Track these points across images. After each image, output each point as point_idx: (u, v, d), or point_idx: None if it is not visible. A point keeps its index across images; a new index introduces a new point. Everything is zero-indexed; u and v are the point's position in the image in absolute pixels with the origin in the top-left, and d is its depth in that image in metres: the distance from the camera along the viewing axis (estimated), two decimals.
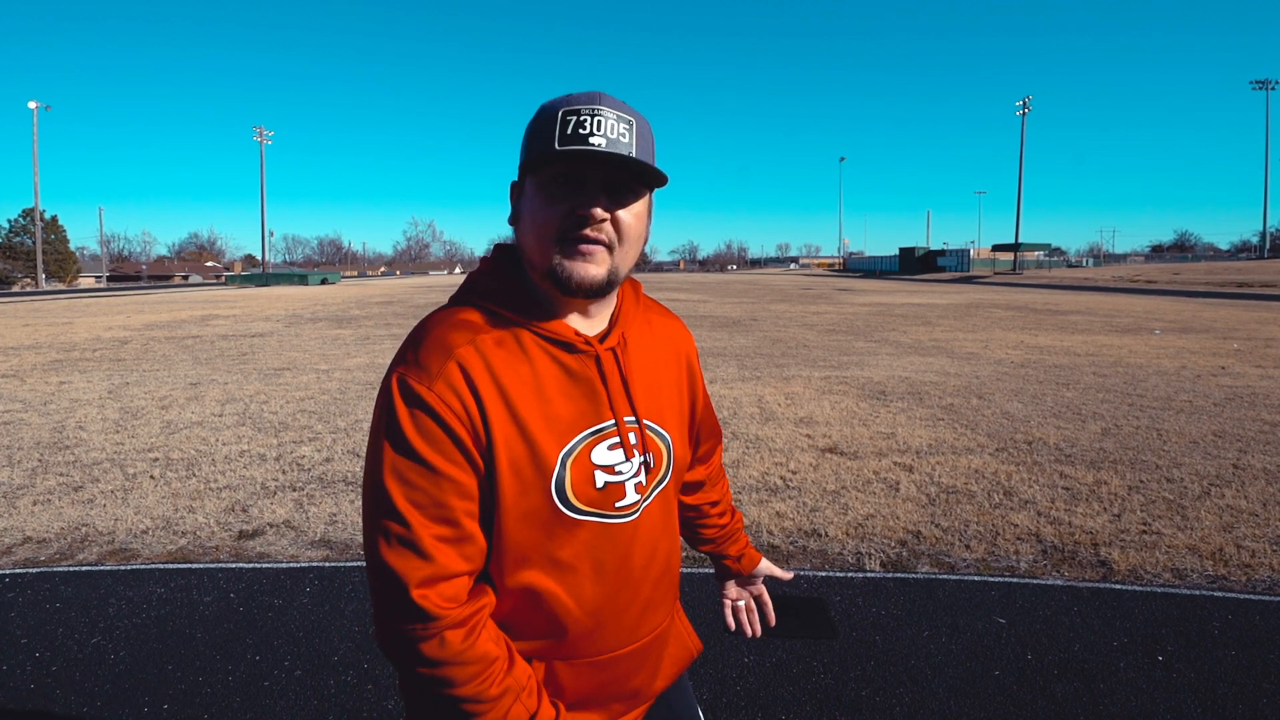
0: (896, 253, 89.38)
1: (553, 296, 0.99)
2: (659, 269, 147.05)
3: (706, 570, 3.55)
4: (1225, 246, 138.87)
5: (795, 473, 5.22)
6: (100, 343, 14.72)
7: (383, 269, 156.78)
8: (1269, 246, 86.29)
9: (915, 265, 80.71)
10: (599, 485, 0.99)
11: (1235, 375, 9.25)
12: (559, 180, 0.94)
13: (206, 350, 13.26)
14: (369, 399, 8.18)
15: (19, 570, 3.76)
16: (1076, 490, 4.77)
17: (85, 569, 3.77)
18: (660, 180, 0.98)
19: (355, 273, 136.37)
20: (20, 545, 4.08)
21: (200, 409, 7.73)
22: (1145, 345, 12.64)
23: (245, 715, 2.55)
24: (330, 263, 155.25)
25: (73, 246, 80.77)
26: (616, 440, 1.01)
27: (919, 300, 28.62)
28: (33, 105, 66.92)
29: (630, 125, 0.95)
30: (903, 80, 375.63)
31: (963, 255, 77.36)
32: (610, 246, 0.96)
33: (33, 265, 69.75)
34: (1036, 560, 3.73)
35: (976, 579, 3.54)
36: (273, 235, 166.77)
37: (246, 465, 5.57)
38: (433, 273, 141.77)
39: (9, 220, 76.88)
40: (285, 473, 5.36)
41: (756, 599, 1.42)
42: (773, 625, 1.40)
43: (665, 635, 1.16)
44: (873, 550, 3.87)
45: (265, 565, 3.80)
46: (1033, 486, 4.85)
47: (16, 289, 66.13)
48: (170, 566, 3.79)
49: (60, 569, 3.77)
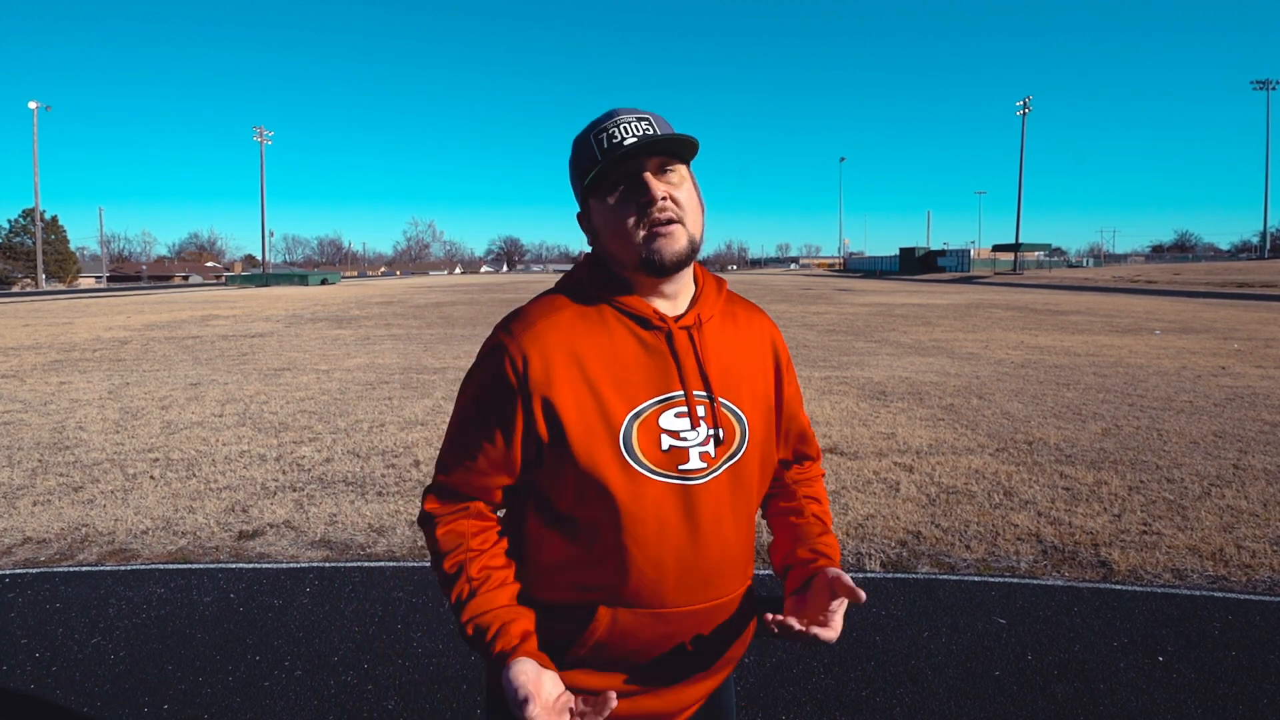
0: (897, 253, 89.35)
1: (639, 282, 1.13)
2: None
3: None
4: (1226, 247, 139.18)
5: None
6: (100, 343, 14.72)
7: (383, 269, 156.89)
8: (1269, 247, 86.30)
9: (915, 265, 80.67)
10: (664, 448, 1.10)
11: (1235, 375, 9.25)
12: (616, 189, 1.10)
13: (206, 350, 13.27)
14: (369, 399, 8.19)
15: (19, 570, 3.76)
16: (1077, 490, 4.77)
17: (85, 569, 3.77)
18: (693, 147, 1.11)
19: (355, 273, 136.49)
20: (20, 545, 4.08)
21: (200, 409, 7.73)
22: (1145, 345, 12.64)
23: (245, 715, 2.55)
24: (330, 263, 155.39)
25: (73, 246, 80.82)
26: (684, 410, 1.11)
27: (919, 300, 28.62)
28: (33, 105, 67.03)
29: (648, 120, 1.10)
30: (903, 80, 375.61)
31: (963, 255, 77.37)
32: (680, 221, 1.10)
33: (33, 265, 69.80)
34: (1037, 560, 3.74)
35: (976, 579, 3.54)
36: (273, 235, 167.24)
37: (246, 465, 5.57)
38: (433, 273, 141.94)
39: (9, 220, 77.04)
40: (285, 473, 5.36)
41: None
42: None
43: (730, 608, 1.19)
44: (873, 550, 3.87)
45: (265, 565, 3.80)
46: (1033, 487, 4.85)
47: (16, 289, 66.17)
48: (170, 567, 3.79)
49: (60, 569, 3.77)
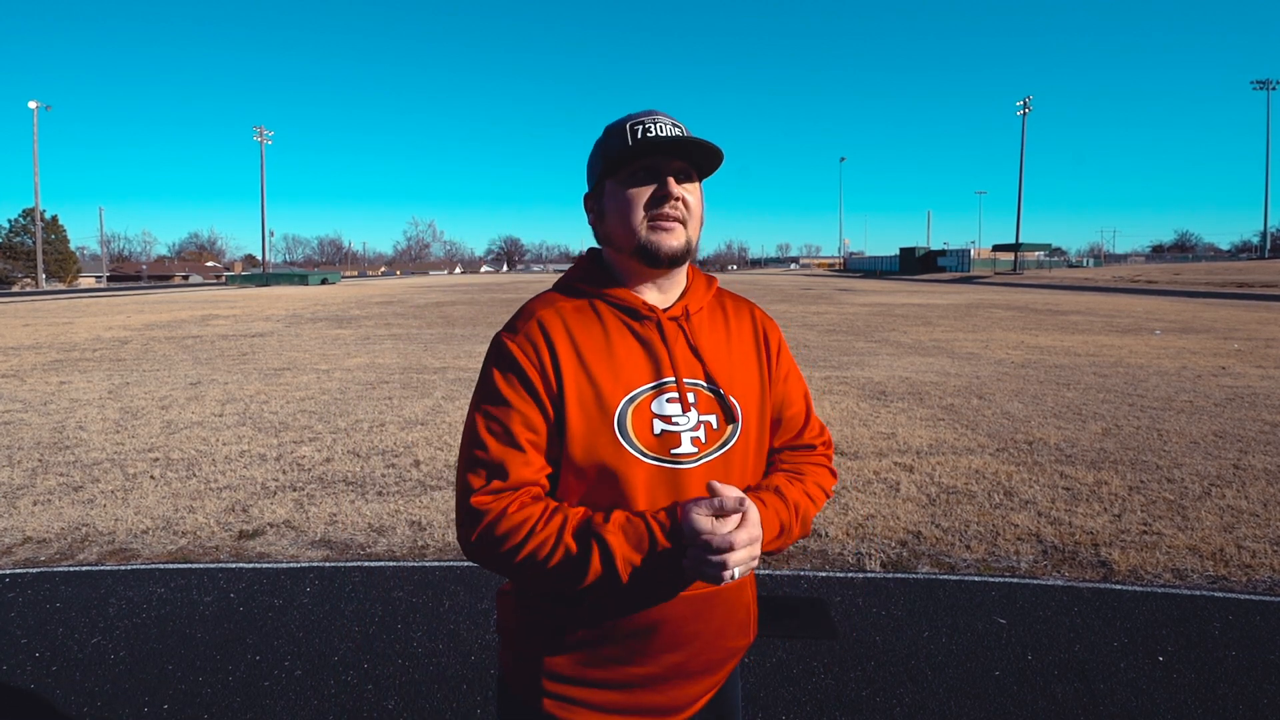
0: (897, 253, 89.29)
1: (632, 274, 1.21)
2: None
3: None
4: (1226, 247, 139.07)
5: None
6: (100, 343, 14.72)
7: (383, 269, 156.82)
8: (1269, 246, 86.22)
9: (915, 265, 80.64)
10: (656, 432, 1.15)
11: (1235, 375, 9.25)
12: (636, 175, 1.17)
13: (207, 350, 13.27)
14: (369, 399, 8.19)
15: (19, 570, 3.76)
16: (1077, 490, 4.77)
17: (85, 569, 3.77)
18: (716, 161, 1.19)
19: (355, 273, 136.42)
20: (20, 545, 4.08)
21: (200, 409, 7.73)
22: (1146, 345, 12.64)
23: (245, 715, 2.55)
24: (330, 263, 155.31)
25: (73, 246, 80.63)
26: (675, 395, 1.17)
27: (919, 300, 28.62)
28: (33, 105, 66.98)
29: (680, 126, 1.19)
30: (903, 80, 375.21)
31: (963, 255, 77.32)
32: (684, 221, 1.18)
33: (33, 265, 69.73)
34: (1037, 560, 3.73)
35: (977, 579, 3.54)
36: (273, 235, 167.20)
37: (246, 465, 5.57)
38: (433, 273, 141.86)
39: (9, 220, 76.80)
40: (285, 473, 5.36)
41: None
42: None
43: (724, 597, 1.21)
44: (873, 550, 3.87)
45: (265, 565, 3.80)
46: (1033, 487, 4.84)
47: (17, 289, 66.12)
48: (170, 566, 3.79)
49: (60, 569, 3.77)
